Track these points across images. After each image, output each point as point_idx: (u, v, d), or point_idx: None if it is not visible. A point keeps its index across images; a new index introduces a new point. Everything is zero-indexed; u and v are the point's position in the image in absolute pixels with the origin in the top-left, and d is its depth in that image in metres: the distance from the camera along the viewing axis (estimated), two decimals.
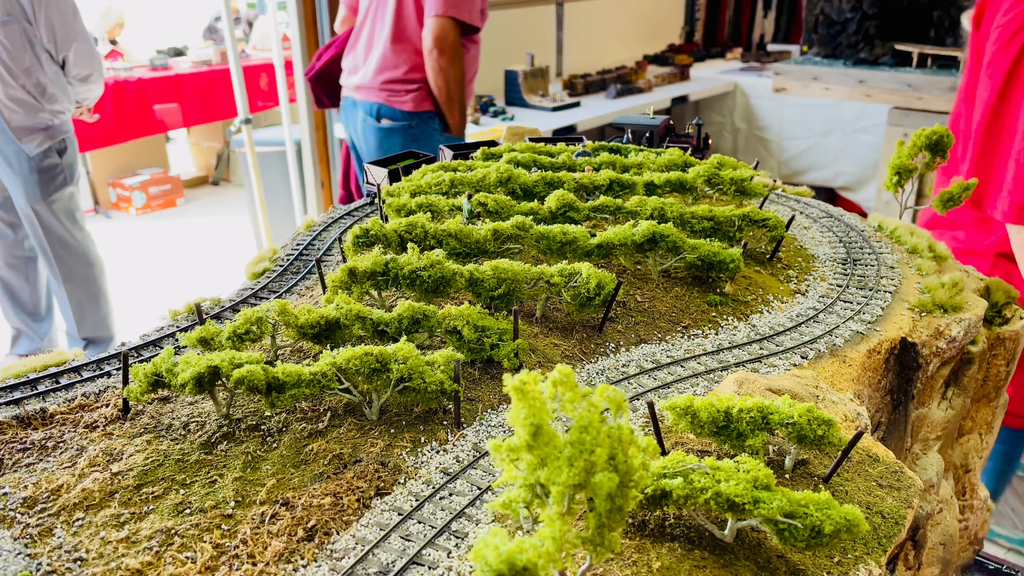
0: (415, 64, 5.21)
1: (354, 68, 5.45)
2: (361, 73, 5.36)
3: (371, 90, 5.32)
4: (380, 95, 5.30)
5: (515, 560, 0.96)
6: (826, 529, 1.22)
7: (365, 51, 5.36)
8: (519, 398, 1.01)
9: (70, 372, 1.81)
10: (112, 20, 10.81)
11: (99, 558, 1.31)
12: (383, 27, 5.20)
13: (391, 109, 5.32)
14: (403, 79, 5.26)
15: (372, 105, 5.35)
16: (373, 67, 5.27)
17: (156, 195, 10.75)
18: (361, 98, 5.40)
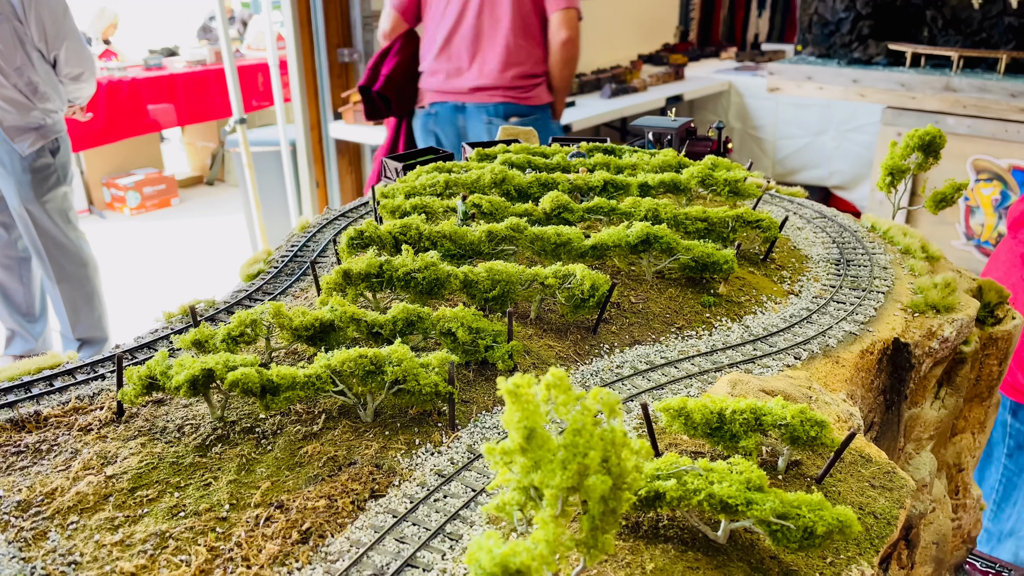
0: (538, 58, 5.18)
1: (456, 70, 5.23)
2: (474, 74, 5.18)
3: (494, 90, 5.16)
4: (507, 93, 5.16)
5: (509, 563, 0.96)
6: (819, 530, 1.23)
7: (470, 51, 5.16)
8: (513, 401, 1.02)
9: (64, 375, 1.80)
10: (106, 20, 10.79)
11: (93, 561, 1.31)
12: (499, 24, 5.06)
13: (518, 106, 5.21)
14: (530, 74, 5.18)
15: (495, 105, 5.19)
16: (495, 65, 5.11)
17: (151, 195, 10.73)
18: (478, 100, 5.21)
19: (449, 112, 5.33)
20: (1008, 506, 3.58)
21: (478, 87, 5.21)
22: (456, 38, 5.19)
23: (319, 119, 7.41)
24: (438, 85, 5.34)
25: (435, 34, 5.28)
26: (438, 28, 5.25)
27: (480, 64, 5.17)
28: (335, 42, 7.25)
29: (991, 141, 5.78)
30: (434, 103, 5.39)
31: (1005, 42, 5.95)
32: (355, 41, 7.33)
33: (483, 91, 5.21)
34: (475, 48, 5.16)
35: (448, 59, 5.25)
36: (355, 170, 7.76)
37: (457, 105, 5.28)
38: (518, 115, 5.25)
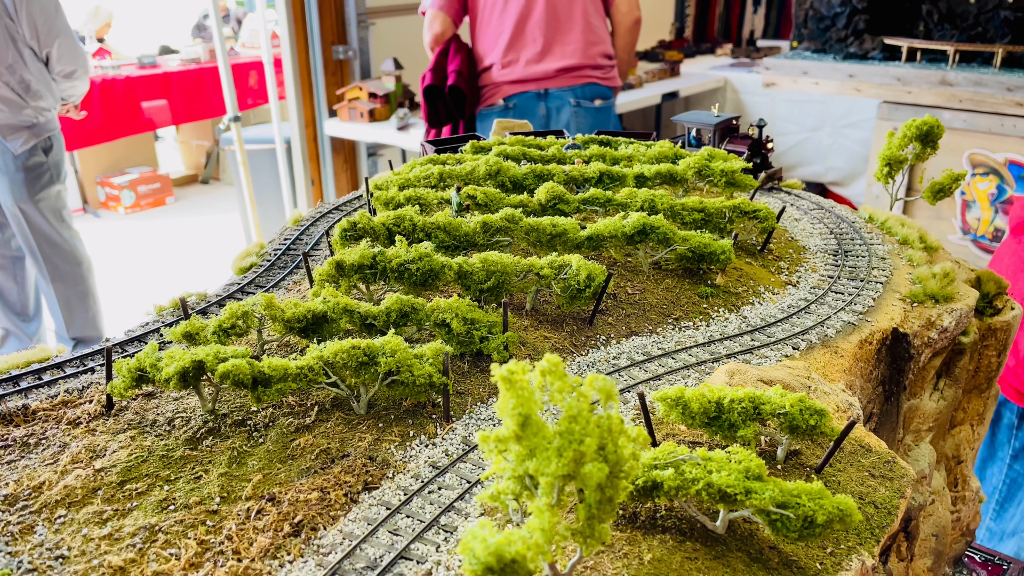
0: (609, 39, 5.06)
1: (536, 56, 4.97)
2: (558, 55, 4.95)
3: (581, 69, 4.97)
4: (592, 74, 5.00)
5: (504, 552, 0.94)
6: (819, 519, 1.21)
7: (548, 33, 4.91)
8: (507, 388, 1.00)
9: (53, 368, 1.78)
10: (101, 19, 10.74)
11: (81, 555, 1.29)
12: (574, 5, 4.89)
13: (602, 87, 5.06)
14: (607, 54, 5.06)
15: (582, 87, 5.00)
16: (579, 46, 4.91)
17: (145, 194, 10.69)
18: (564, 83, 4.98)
19: (531, 101, 5.07)
20: (1012, 506, 3.57)
21: (564, 68, 4.96)
22: (530, 22, 4.96)
23: (314, 116, 7.38)
24: (516, 75, 5.05)
25: (500, 24, 5.03)
26: (503, 17, 5.00)
27: (561, 45, 4.94)
28: (330, 39, 7.22)
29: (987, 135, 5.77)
30: (511, 96, 5.12)
31: (1001, 36, 5.93)
32: (350, 38, 7.30)
33: (570, 72, 4.98)
34: (554, 28, 4.94)
35: (524, 45, 4.99)
36: (350, 167, 7.73)
37: (539, 93, 5.03)
38: (602, 97, 5.07)
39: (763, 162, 2.98)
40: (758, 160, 2.96)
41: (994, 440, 3.63)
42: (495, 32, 5.08)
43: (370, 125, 6.76)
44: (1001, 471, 3.58)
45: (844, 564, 1.31)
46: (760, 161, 2.97)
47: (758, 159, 2.96)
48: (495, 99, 5.21)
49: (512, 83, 5.11)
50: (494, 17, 5.05)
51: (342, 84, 7.26)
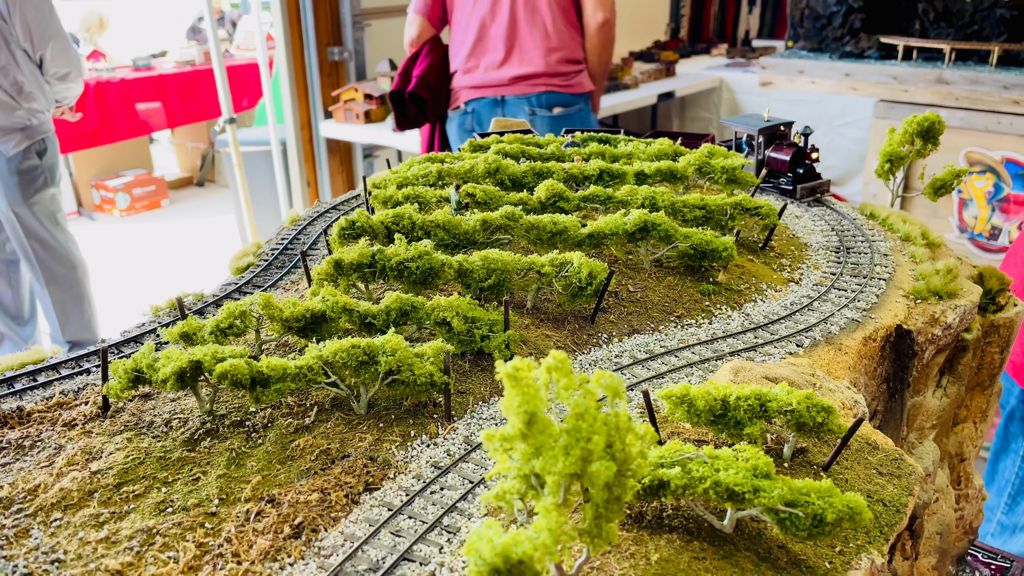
0: (577, 43, 4.98)
1: (494, 62, 5.01)
2: (515, 63, 4.95)
3: (537, 78, 4.94)
4: (550, 81, 4.95)
5: (510, 553, 0.92)
6: (828, 517, 1.19)
7: (508, 40, 4.92)
8: (512, 385, 0.98)
9: (48, 370, 1.75)
10: (95, 22, 10.70)
11: (77, 559, 1.26)
12: (536, 8, 4.87)
13: (561, 95, 5.00)
14: (572, 59, 4.99)
15: (538, 95, 4.97)
16: (536, 52, 4.89)
17: (140, 196, 10.65)
18: (520, 91, 4.98)
19: (488, 107, 5.11)
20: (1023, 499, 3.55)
21: (520, 76, 4.98)
22: (492, 28, 4.99)
23: (309, 118, 7.35)
24: (475, 80, 5.12)
25: (467, 29, 5.09)
26: (469, 22, 5.06)
27: (520, 52, 4.96)
28: (325, 41, 7.20)
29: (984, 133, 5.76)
30: (470, 100, 5.17)
31: (997, 34, 5.93)
32: (345, 40, 7.28)
33: (525, 80, 4.98)
34: (513, 36, 4.95)
35: (484, 52, 5.05)
36: (346, 169, 7.70)
37: (497, 99, 5.07)
38: (562, 104, 5.04)
39: (807, 173, 2.77)
40: (800, 171, 2.76)
41: (1007, 433, 3.61)
42: (462, 37, 5.12)
43: (366, 126, 6.74)
44: (1014, 464, 3.56)
45: (854, 563, 1.29)
46: (804, 172, 2.76)
47: (801, 169, 2.77)
48: (458, 103, 5.25)
49: (472, 88, 5.14)
50: (463, 21, 5.09)
51: (337, 85, 7.24)
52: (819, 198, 2.77)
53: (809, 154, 2.77)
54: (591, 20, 4.91)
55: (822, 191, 2.78)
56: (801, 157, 2.77)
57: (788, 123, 2.88)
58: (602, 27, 4.90)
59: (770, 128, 2.84)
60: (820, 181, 2.77)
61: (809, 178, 2.75)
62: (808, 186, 2.74)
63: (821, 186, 2.77)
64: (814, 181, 2.76)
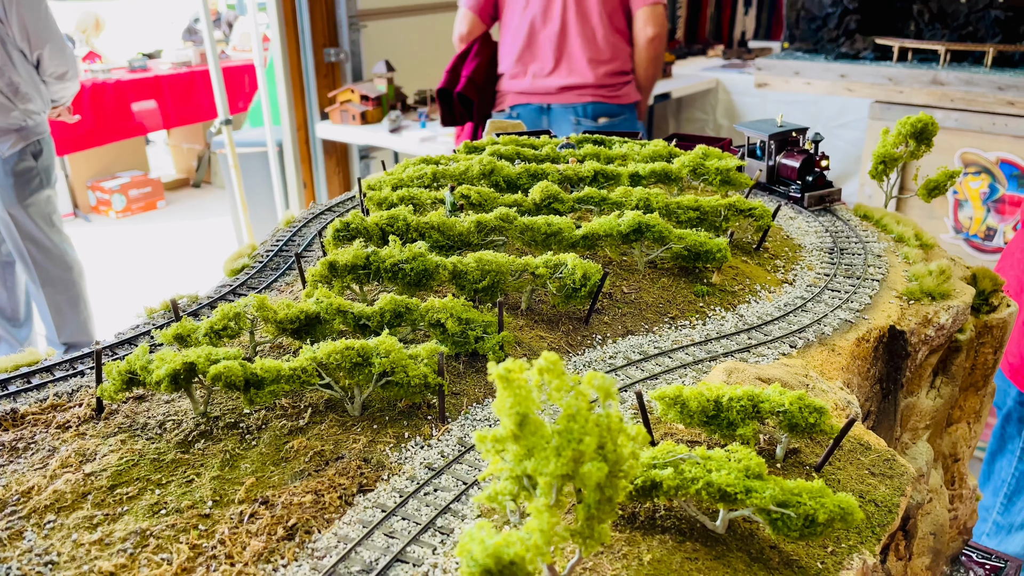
0: (626, 55, 5.05)
1: (542, 70, 5.06)
2: (562, 73, 5.02)
3: (583, 88, 5.01)
4: (596, 92, 5.01)
5: (502, 554, 0.92)
6: (820, 518, 1.19)
7: (557, 50, 4.99)
8: (504, 386, 0.98)
9: (42, 372, 1.75)
10: (90, 22, 10.69)
11: (71, 561, 1.26)
12: (587, 20, 4.92)
13: (607, 105, 5.06)
14: (619, 71, 5.04)
15: (584, 105, 5.04)
16: (584, 63, 4.96)
17: (136, 198, 10.64)
18: (566, 100, 5.05)
19: (533, 114, 5.17)
20: (1020, 499, 3.55)
21: (567, 86, 5.03)
22: (542, 35, 5.03)
23: (306, 119, 7.34)
24: (522, 87, 5.16)
25: (517, 34, 5.11)
26: (520, 27, 5.08)
27: (568, 62, 5.01)
28: (321, 42, 7.20)
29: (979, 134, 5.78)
30: (516, 105, 5.21)
31: (992, 35, 5.95)
32: (341, 41, 7.28)
33: (572, 90, 5.03)
34: (562, 45, 5.01)
35: (533, 58, 5.09)
36: (342, 170, 7.70)
37: (542, 106, 5.12)
38: (607, 115, 5.10)
39: (816, 181, 2.69)
40: (810, 178, 2.69)
41: (1003, 434, 3.62)
42: (511, 40, 5.15)
43: (362, 128, 6.73)
44: (1011, 464, 3.57)
45: (845, 563, 1.30)
46: (813, 179, 2.69)
47: (810, 177, 2.69)
48: (503, 106, 5.29)
49: (518, 94, 5.19)
50: (514, 25, 5.12)
51: (334, 87, 7.24)
52: (828, 207, 2.72)
53: (818, 161, 2.71)
54: (641, 34, 4.97)
55: (831, 199, 2.72)
56: (810, 164, 2.70)
57: (801, 129, 2.81)
58: (651, 41, 4.97)
59: (781, 134, 2.77)
60: (829, 190, 2.71)
61: (819, 186, 2.70)
62: (816, 194, 2.69)
63: (830, 195, 2.72)
64: (823, 189, 2.70)
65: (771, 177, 2.82)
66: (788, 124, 2.81)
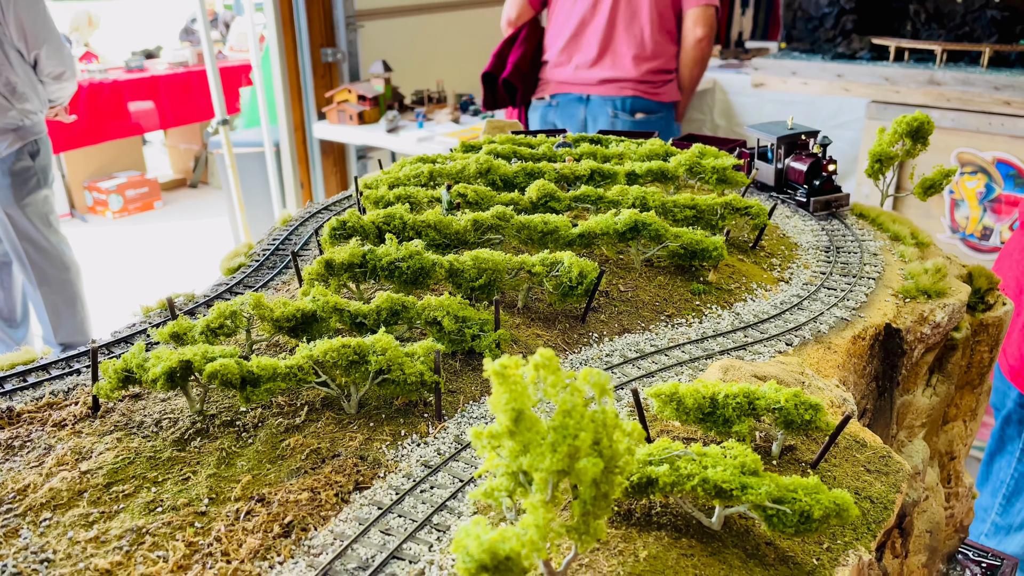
0: (671, 54, 5.13)
1: (586, 62, 5.15)
2: (606, 66, 5.10)
3: (624, 82, 5.09)
4: (637, 87, 5.09)
5: (498, 550, 0.92)
6: (815, 514, 1.20)
7: (602, 43, 5.07)
8: (500, 383, 0.98)
9: (38, 370, 1.75)
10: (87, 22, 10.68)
11: (67, 559, 1.26)
12: (636, 17, 5.00)
13: (647, 101, 5.14)
14: (663, 69, 5.12)
15: (623, 99, 5.12)
16: (628, 59, 5.04)
17: (133, 198, 10.62)
18: (606, 92, 5.13)
19: (572, 103, 5.25)
20: (1019, 500, 3.55)
21: (608, 79, 5.11)
22: (588, 29, 5.11)
23: (303, 119, 7.34)
24: (564, 76, 5.25)
25: (565, 23, 5.18)
26: (568, 17, 5.16)
27: (612, 56, 5.09)
28: (318, 42, 7.19)
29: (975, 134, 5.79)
30: (556, 94, 5.31)
31: (988, 35, 5.96)
32: (338, 41, 7.28)
33: (612, 83, 5.12)
34: (608, 39, 5.08)
35: (578, 49, 5.17)
36: (340, 170, 7.70)
37: (582, 96, 5.20)
38: (645, 111, 5.16)
39: (823, 185, 2.62)
40: (817, 183, 2.62)
41: (1003, 434, 3.62)
42: (559, 30, 5.24)
43: (359, 128, 6.73)
44: (1010, 465, 3.57)
45: (841, 559, 1.30)
46: (820, 184, 2.62)
47: (817, 181, 2.62)
48: (544, 93, 5.40)
49: (560, 83, 5.28)
50: (563, 14, 5.20)
51: (331, 87, 7.23)
52: (834, 213, 2.64)
53: (825, 165, 2.64)
54: (689, 35, 5.03)
55: (838, 205, 2.65)
56: (818, 168, 2.64)
57: (811, 132, 2.73)
58: (699, 42, 5.03)
59: (790, 136, 2.70)
60: (837, 195, 2.64)
61: (825, 191, 2.63)
62: (823, 199, 2.62)
63: (838, 200, 2.64)
64: (830, 194, 2.63)
65: (779, 181, 2.76)
66: (798, 126, 2.75)
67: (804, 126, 2.75)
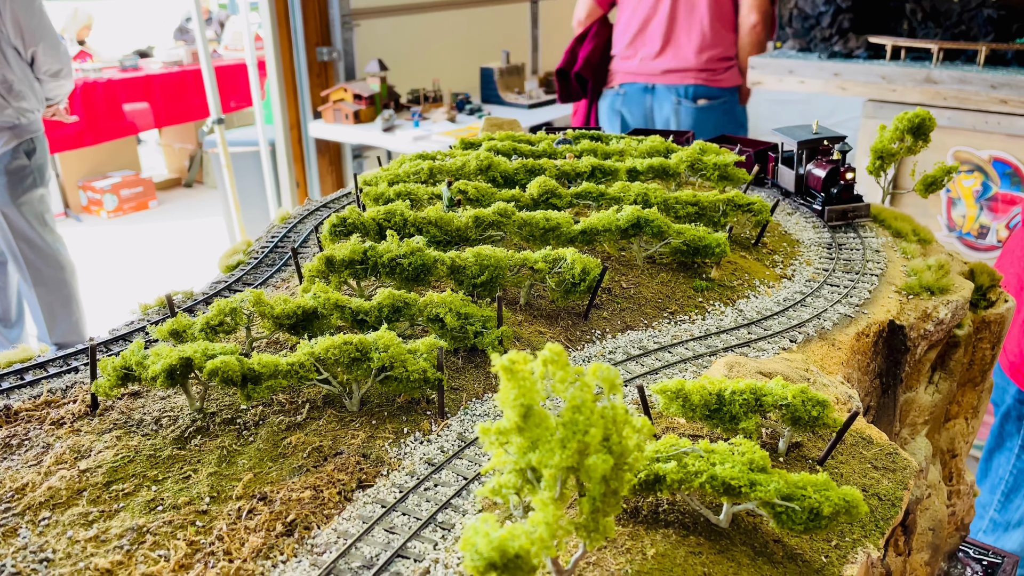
0: (730, 41, 5.46)
1: (650, 54, 5.50)
2: (668, 57, 5.44)
3: (686, 72, 5.42)
4: (698, 75, 5.42)
5: (507, 547, 0.91)
6: (825, 511, 1.18)
7: (665, 36, 5.42)
8: (508, 378, 0.97)
9: (35, 368, 1.73)
10: (80, 22, 10.63)
11: (66, 558, 1.25)
12: (695, 10, 5.33)
13: (708, 88, 5.47)
14: (723, 57, 5.44)
15: (686, 87, 5.44)
16: (690, 50, 5.37)
17: (128, 198, 10.58)
18: (669, 81, 5.47)
19: (638, 93, 5.63)
20: (1018, 497, 3.55)
21: (671, 69, 5.47)
22: (652, 24, 5.49)
23: (298, 119, 7.31)
24: (631, 68, 5.63)
25: (631, 20, 5.58)
26: (634, 14, 5.56)
27: (675, 48, 5.44)
28: (314, 41, 7.17)
29: (972, 133, 5.79)
30: (624, 83, 5.69)
31: (984, 34, 5.96)
32: (334, 40, 7.25)
33: (675, 73, 5.47)
34: (670, 33, 5.45)
35: (644, 43, 5.55)
36: (336, 169, 7.67)
37: (647, 86, 5.58)
38: (708, 97, 5.48)
39: (841, 194, 2.48)
40: (834, 190, 2.48)
41: (1002, 431, 3.62)
42: (626, 26, 5.65)
43: (355, 127, 6.71)
44: (1008, 461, 3.56)
45: (850, 557, 1.29)
46: (837, 192, 2.48)
47: (835, 189, 2.49)
48: (612, 84, 5.83)
49: (627, 73, 5.69)
50: (628, 11, 5.61)
51: (326, 86, 7.21)
52: (851, 223, 2.49)
53: (843, 173, 2.49)
54: (745, 21, 5.39)
55: (856, 215, 2.49)
56: (835, 176, 2.50)
57: (836, 137, 2.60)
58: (754, 28, 5.39)
59: (812, 141, 2.58)
60: (855, 204, 2.49)
61: (842, 200, 2.49)
62: (838, 208, 2.47)
63: (856, 210, 2.48)
64: (848, 204, 2.48)
65: (799, 187, 2.65)
66: (823, 131, 2.62)
67: (829, 131, 2.62)
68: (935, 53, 5.92)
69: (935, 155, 5.79)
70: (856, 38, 6.46)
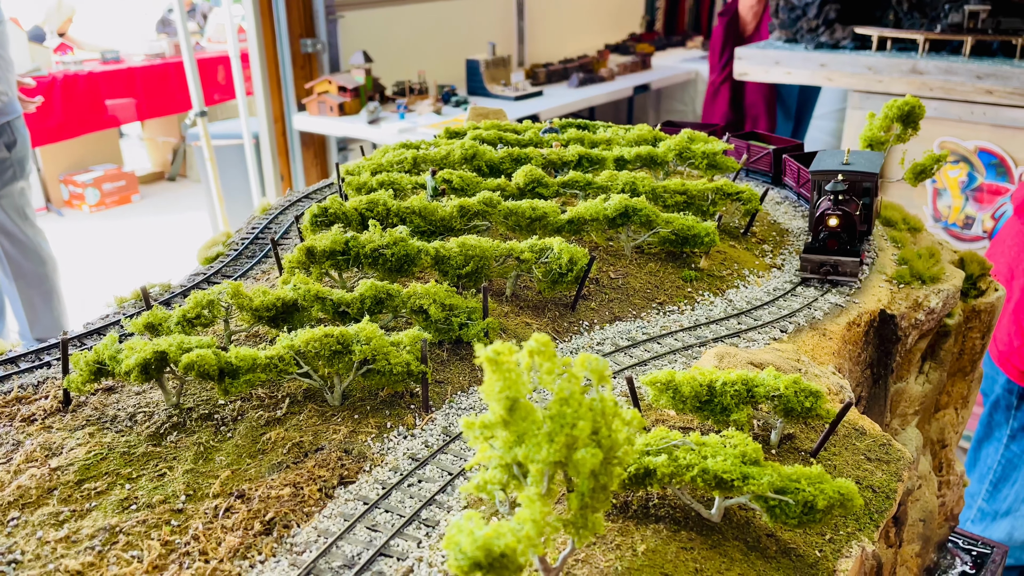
0: None
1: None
2: None
3: None
4: None
5: (492, 546, 0.87)
6: (819, 504, 1.15)
7: None
8: (493, 369, 0.93)
9: (6, 363, 1.68)
10: (64, 14, 10.48)
11: (35, 560, 1.20)
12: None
13: None
14: None
15: None
16: None
17: (110, 192, 10.45)
18: None
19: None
20: (1006, 487, 3.55)
21: None
22: None
23: (283, 111, 7.23)
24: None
25: None
26: None
27: None
28: (297, 32, 7.08)
29: (957, 123, 5.79)
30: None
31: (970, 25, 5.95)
32: (318, 31, 7.17)
33: None
34: None
35: None
36: (320, 162, 7.60)
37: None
38: None
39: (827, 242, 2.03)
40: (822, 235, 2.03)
41: (991, 421, 3.61)
42: None
43: (340, 119, 6.64)
44: (997, 451, 3.56)
45: (844, 551, 1.26)
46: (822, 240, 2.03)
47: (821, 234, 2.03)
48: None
49: None
50: None
51: (310, 78, 7.13)
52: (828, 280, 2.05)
53: (827, 217, 2.03)
54: None
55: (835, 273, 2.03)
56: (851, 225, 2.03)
57: (866, 173, 2.15)
58: None
59: (825, 173, 2.15)
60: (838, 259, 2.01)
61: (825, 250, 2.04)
62: (813, 259, 2.03)
63: (837, 266, 2.02)
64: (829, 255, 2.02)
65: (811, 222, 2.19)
66: (852, 167, 2.17)
67: (856, 168, 2.17)
68: (921, 44, 5.91)
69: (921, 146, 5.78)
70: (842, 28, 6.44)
